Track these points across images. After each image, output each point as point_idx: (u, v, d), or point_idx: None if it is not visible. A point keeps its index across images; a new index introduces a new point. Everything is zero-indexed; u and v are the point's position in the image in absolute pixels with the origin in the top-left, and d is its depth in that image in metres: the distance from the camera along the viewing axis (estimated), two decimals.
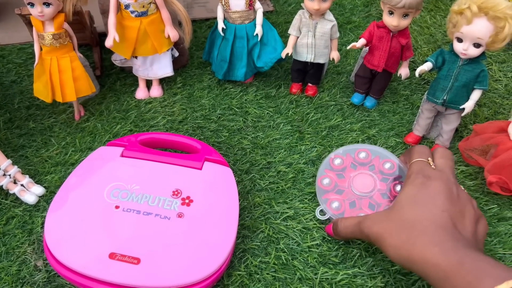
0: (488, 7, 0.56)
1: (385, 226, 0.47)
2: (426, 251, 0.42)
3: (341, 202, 0.57)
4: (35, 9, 0.62)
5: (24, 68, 0.84)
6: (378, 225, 0.47)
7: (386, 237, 0.46)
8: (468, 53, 0.60)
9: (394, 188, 0.57)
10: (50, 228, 0.52)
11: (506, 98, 0.80)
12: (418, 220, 0.44)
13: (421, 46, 0.92)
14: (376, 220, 0.48)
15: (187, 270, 0.49)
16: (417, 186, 0.48)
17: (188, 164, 0.59)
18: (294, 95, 0.80)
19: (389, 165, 0.58)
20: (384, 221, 0.47)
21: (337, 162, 0.60)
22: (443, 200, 0.45)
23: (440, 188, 0.46)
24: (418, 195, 0.47)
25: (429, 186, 0.47)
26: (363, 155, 0.60)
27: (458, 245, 0.41)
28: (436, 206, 0.45)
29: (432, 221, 0.44)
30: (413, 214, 0.45)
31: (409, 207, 0.46)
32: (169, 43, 0.75)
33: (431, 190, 0.47)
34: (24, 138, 0.71)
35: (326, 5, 0.68)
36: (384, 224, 0.47)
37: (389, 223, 0.46)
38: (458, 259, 0.40)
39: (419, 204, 0.46)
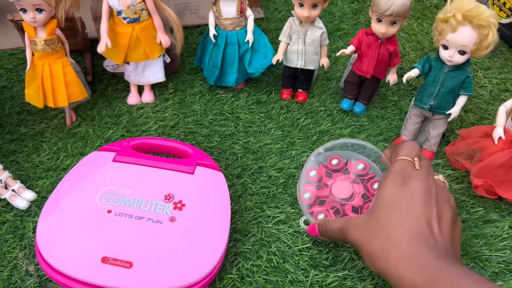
0: (472, 15, 0.58)
1: (362, 234, 0.46)
2: (399, 266, 0.41)
3: (326, 213, 0.57)
4: (27, 15, 0.63)
5: (15, 73, 0.84)
6: (356, 233, 0.47)
7: (362, 245, 0.45)
8: (454, 60, 0.62)
9: (372, 187, 0.57)
10: (42, 233, 0.52)
11: (491, 104, 0.82)
12: (392, 229, 0.43)
13: (409, 53, 0.94)
14: (355, 227, 0.47)
15: (179, 273, 0.50)
16: (394, 188, 0.46)
17: (180, 169, 0.60)
18: (285, 101, 0.81)
19: (362, 166, 0.59)
20: (361, 229, 0.46)
21: (312, 174, 0.60)
22: (420, 203, 0.44)
23: (418, 189, 0.45)
24: (394, 199, 0.45)
25: (407, 187, 0.45)
26: (335, 161, 0.60)
27: (432, 258, 0.40)
28: (412, 212, 0.43)
29: (407, 230, 0.42)
30: (388, 221, 0.44)
31: (385, 213, 0.45)
32: (161, 49, 0.76)
33: (408, 192, 0.45)
34: (15, 143, 0.71)
35: (316, 13, 0.70)
36: (361, 231, 0.46)
37: (365, 231, 0.46)
38: (431, 275, 0.39)
39: (394, 209, 0.44)
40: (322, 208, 0.58)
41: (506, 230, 0.61)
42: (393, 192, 0.46)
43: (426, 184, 0.45)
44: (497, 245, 0.59)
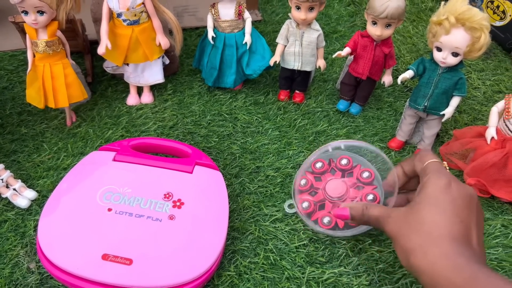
0: (465, 18, 0.59)
1: (401, 227, 0.45)
2: (438, 264, 0.40)
3: (311, 203, 0.59)
4: (29, 17, 0.64)
5: (15, 74, 0.85)
6: (395, 224, 0.46)
7: (399, 238, 0.44)
8: (447, 61, 0.63)
9: (366, 197, 0.58)
10: (44, 230, 0.53)
11: (484, 105, 0.83)
12: (435, 227, 0.42)
13: (404, 55, 0.95)
14: (395, 218, 0.46)
15: (179, 270, 0.51)
16: (439, 187, 0.45)
17: (179, 168, 0.61)
18: (282, 102, 0.82)
19: (367, 175, 0.60)
20: (401, 221, 0.45)
21: (318, 165, 0.62)
22: (464, 208, 0.43)
23: (463, 193, 0.44)
24: (439, 198, 0.44)
25: (453, 188, 0.44)
26: (345, 161, 0.61)
27: (471, 260, 0.40)
28: (456, 214, 0.43)
29: (449, 231, 0.42)
30: (431, 219, 0.43)
31: (429, 209, 0.44)
32: (160, 51, 0.77)
33: (454, 194, 0.44)
34: (16, 144, 0.72)
35: (313, 15, 0.71)
36: (401, 224, 0.45)
37: (405, 224, 0.45)
38: (472, 274, 0.39)
39: (439, 207, 0.44)
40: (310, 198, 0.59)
41: (499, 228, 0.62)
42: (439, 191, 0.45)
43: (468, 189, 0.45)
44: (490, 242, 0.60)
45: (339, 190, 0.59)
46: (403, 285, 0.55)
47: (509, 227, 0.62)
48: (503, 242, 0.60)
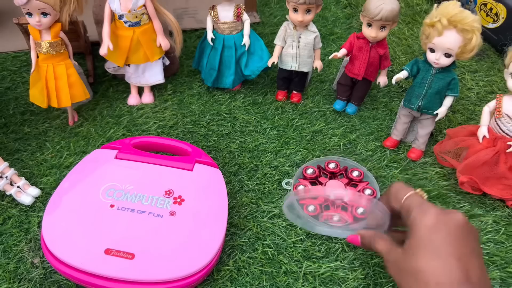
0: (457, 20, 0.61)
1: (400, 273, 0.44)
2: None
3: (316, 206, 0.61)
4: (33, 18, 0.65)
5: (18, 75, 0.86)
6: (394, 269, 0.45)
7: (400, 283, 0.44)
8: (440, 62, 0.65)
9: (364, 191, 0.64)
10: (48, 226, 0.55)
11: (477, 105, 0.85)
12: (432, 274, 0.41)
13: (399, 56, 0.97)
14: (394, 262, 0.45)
15: (179, 264, 0.52)
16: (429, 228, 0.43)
17: (179, 166, 0.62)
18: (280, 102, 0.84)
19: (357, 173, 0.67)
20: (399, 266, 0.45)
21: (309, 171, 0.67)
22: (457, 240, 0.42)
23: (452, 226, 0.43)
24: (432, 239, 0.43)
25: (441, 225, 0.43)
26: (333, 165, 0.68)
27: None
28: (451, 254, 0.41)
29: (447, 277, 0.41)
30: (427, 265, 0.42)
31: (423, 255, 0.42)
32: (161, 52, 0.78)
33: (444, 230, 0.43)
34: (19, 142, 0.73)
35: (309, 17, 0.73)
36: (399, 269, 0.44)
37: (404, 271, 0.44)
38: None
39: (434, 251, 0.42)
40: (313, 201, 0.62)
41: (490, 224, 0.64)
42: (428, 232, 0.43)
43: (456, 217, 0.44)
44: (482, 238, 0.62)
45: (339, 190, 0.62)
46: None
47: (500, 223, 0.64)
48: (495, 237, 0.62)
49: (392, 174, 0.71)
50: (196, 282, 0.53)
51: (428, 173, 0.72)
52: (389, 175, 0.71)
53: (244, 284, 0.55)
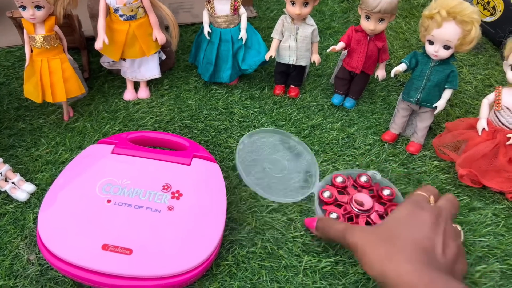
0: (456, 11, 0.61)
1: (368, 238, 0.48)
2: (400, 268, 0.43)
3: (340, 215, 0.60)
4: (26, 12, 0.64)
5: (12, 70, 0.85)
6: (361, 235, 0.49)
7: (365, 248, 0.47)
8: (439, 54, 0.65)
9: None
10: (44, 222, 0.54)
11: (475, 98, 0.85)
12: (400, 238, 0.46)
13: (397, 50, 0.96)
14: (361, 231, 0.49)
15: (177, 260, 0.51)
16: (407, 212, 0.49)
17: (177, 160, 0.62)
18: (278, 96, 0.83)
19: (388, 192, 0.63)
20: (367, 233, 0.49)
21: (339, 180, 0.65)
22: (428, 230, 0.47)
23: (428, 220, 0.47)
24: (405, 219, 0.48)
25: (418, 215, 0.48)
26: (364, 179, 0.65)
27: (432, 267, 0.43)
28: (420, 232, 0.46)
29: (413, 241, 0.45)
30: (396, 232, 0.47)
31: (395, 226, 0.48)
32: (157, 46, 0.77)
33: (419, 219, 0.48)
34: (13, 138, 0.72)
35: (307, 10, 0.72)
36: (367, 235, 0.48)
37: (372, 236, 0.48)
38: (431, 278, 0.42)
39: (405, 225, 0.47)
40: (337, 209, 0.61)
41: (490, 217, 0.64)
42: (406, 214, 0.49)
43: (436, 217, 0.48)
44: (481, 231, 0.62)
45: (366, 203, 0.61)
46: None
47: (500, 216, 0.64)
48: (494, 230, 0.62)
49: (391, 168, 0.70)
50: (195, 278, 0.52)
51: (427, 167, 0.71)
52: (388, 169, 0.70)
53: (244, 279, 0.55)
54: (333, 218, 0.58)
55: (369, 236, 0.48)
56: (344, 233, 0.50)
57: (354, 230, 0.50)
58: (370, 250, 0.46)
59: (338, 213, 0.60)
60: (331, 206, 0.62)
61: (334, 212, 0.60)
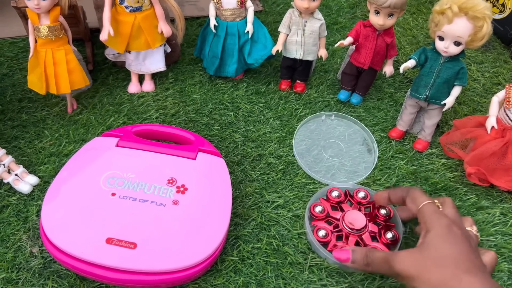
0: (468, 7, 0.60)
1: (420, 263, 0.45)
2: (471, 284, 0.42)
3: (328, 232, 0.57)
4: (31, 1, 0.63)
5: (16, 61, 0.84)
6: (410, 262, 0.46)
7: (421, 274, 0.45)
8: (449, 51, 0.64)
9: (385, 234, 0.57)
10: (47, 214, 0.53)
11: (483, 96, 0.84)
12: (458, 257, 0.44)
13: (404, 47, 0.95)
14: (409, 257, 0.47)
15: (182, 255, 0.51)
16: (444, 227, 0.47)
17: (182, 154, 0.61)
18: (283, 91, 0.82)
19: (385, 212, 0.60)
20: (418, 258, 0.46)
21: (334, 194, 0.62)
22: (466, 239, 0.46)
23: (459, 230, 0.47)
24: (447, 235, 0.46)
25: (455, 229, 0.47)
26: (362, 194, 0.62)
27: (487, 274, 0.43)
28: (466, 247, 0.45)
29: (470, 260, 0.44)
30: (450, 251, 0.45)
31: (442, 245, 0.45)
32: (162, 39, 0.77)
33: (458, 233, 0.46)
34: (17, 130, 0.71)
35: (315, 4, 0.71)
36: (418, 261, 0.46)
37: (423, 261, 0.45)
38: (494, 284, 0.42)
39: (452, 241, 0.45)
40: (327, 226, 0.58)
41: (497, 216, 0.63)
42: (445, 229, 0.47)
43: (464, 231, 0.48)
44: (489, 230, 0.61)
45: (359, 222, 0.58)
46: None
47: (508, 215, 0.63)
48: (502, 229, 0.61)
49: (398, 165, 0.70)
50: (199, 273, 0.52)
51: (435, 164, 0.70)
52: (394, 166, 0.69)
53: (249, 274, 0.54)
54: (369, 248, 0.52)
55: (421, 261, 0.45)
56: (388, 261, 0.48)
57: (400, 257, 0.47)
58: (428, 276, 0.44)
59: (327, 230, 0.57)
60: (321, 221, 0.59)
61: (323, 229, 0.57)
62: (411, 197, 0.52)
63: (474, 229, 0.52)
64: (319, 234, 0.57)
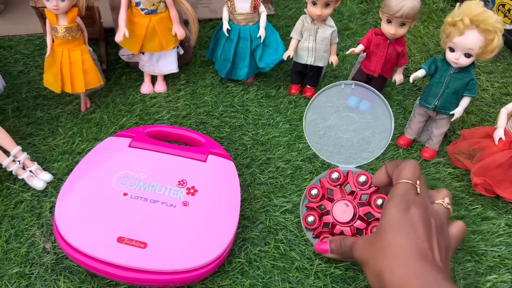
0: (480, 20, 0.60)
1: (368, 251, 0.47)
2: (406, 284, 0.41)
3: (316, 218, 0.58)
4: (50, 2, 0.65)
5: (31, 59, 0.86)
6: (363, 250, 0.48)
7: (368, 262, 0.46)
8: (459, 62, 0.65)
9: (375, 202, 0.57)
10: (60, 212, 0.55)
11: (492, 106, 0.85)
12: (399, 248, 0.44)
13: (414, 54, 0.96)
14: (363, 244, 0.49)
15: (191, 255, 0.52)
16: (400, 211, 0.46)
17: (193, 156, 0.62)
18: (293, 96, 0.83)
19: (364, 179, 0.59)
20: (367, 246, 0.48)
21: (334, 176, 0.61)
22: (424, 229, 0.45)
23: (421, 217, 0.46)
24: (401, 221, 0.46)
25: (411, 213, 0.46)
26: (363, 179, 0.60)
27: (440, 278, 0.41)
28: (418, 236, 0.44)
29: (414, 251, 0.43)
30: (395, 240, 0.45)
31: (392, 233, 0.45)
32: (176, 41, 0.78)
33: (413, 217, 0.46)
34: (31, 127, 0.73)
35: (328, 11, 0.72)
36: (367, 248, 0.47)
37: (372, 248, 0.47)
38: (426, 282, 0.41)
39: (401, 230, 0.45)
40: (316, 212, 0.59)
41: (502, 227, 0.63)
42: (400, 213, 0.46)
43: (426, 212, 0.47)
44: (493, 241, 0.62)
45: (346, 215, 0.58)
46: None
47: None
48: (507, 240, 0.62)
49: None
50: (207, 274, 0.53)
51: (441, 173, 0.71)
52: None
53: (255, 277, 0.55)
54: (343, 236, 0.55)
55: (369, 248, 0.47)
56: (351, 249, 0.50)
57: (357, 244, 0.49)
58: (372, 265, 0.45)
59: (315, 216, 0.58)
60: (314, 204, 0.59)
61: (312, 216, 0.58)
62: (399, 169, 0.51)
63: (446, 201, 0.50)
64: (307, 220, 0.59)
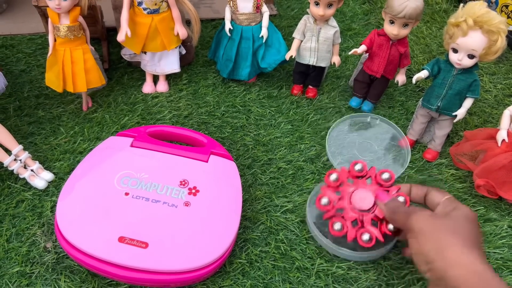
0: (483, 21, 0.60)
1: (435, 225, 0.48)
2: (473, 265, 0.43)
3: (343, 223, 0.55)
4: (52, 1, 0.65)
5: (33, 58, 0.86)
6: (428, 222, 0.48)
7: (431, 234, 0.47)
8: (463, 63, 0.64)
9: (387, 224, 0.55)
10: (62, 211, 0.55)
11: (495, 108, 0.84)
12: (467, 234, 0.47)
13: (417, 55, 0.96)
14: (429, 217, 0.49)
15: (192, 255, 0.52)
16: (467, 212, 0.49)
17: (195, 157, 0.62)
18: (295, 96, 0.83)
19: (388, 176, 0.57)
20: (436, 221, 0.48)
21: (332, 178, 0.57)
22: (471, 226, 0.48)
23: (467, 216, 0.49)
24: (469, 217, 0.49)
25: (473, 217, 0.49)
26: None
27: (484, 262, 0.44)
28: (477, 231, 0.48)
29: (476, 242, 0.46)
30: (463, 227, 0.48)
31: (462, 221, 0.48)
32: (178, 41, 0.78)
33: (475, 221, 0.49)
34: (33, 126, 0.73)
35: (331, 12, 0.72)
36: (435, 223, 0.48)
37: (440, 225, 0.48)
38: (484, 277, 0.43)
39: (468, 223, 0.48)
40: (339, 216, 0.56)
41: (505, 229, 0.63)
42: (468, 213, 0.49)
43: None
44: (496, 242, 0.61)
45: (366, 202, 0.56)
46: (409, 280, 0.56)
47: None
48: (509, 242, 0.61)
49: (407, 174, 0.70)
50: (208, 274, 0.53)
51: (444, 175, 0.71)
52: (404, 175, 0.70)
53: (256, 277, 0.55)
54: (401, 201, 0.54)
55: (437, 224, 0.48)
56: (408, 215, 0.50)
57: (420, 215, 0.49)
58: (435, 237, 0.46)
59: (341, 221, 0.55)
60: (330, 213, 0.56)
61: (338, 222, 0.55)
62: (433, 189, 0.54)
63: None
64: (335, 228, 0.55)
